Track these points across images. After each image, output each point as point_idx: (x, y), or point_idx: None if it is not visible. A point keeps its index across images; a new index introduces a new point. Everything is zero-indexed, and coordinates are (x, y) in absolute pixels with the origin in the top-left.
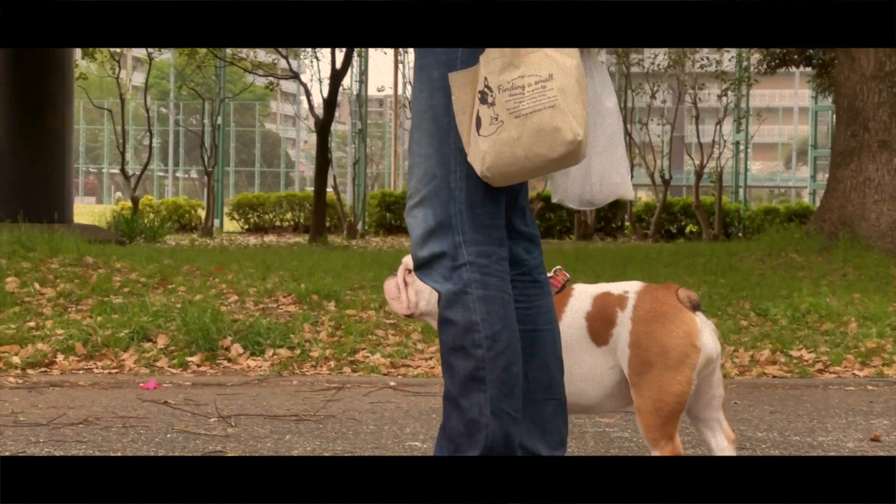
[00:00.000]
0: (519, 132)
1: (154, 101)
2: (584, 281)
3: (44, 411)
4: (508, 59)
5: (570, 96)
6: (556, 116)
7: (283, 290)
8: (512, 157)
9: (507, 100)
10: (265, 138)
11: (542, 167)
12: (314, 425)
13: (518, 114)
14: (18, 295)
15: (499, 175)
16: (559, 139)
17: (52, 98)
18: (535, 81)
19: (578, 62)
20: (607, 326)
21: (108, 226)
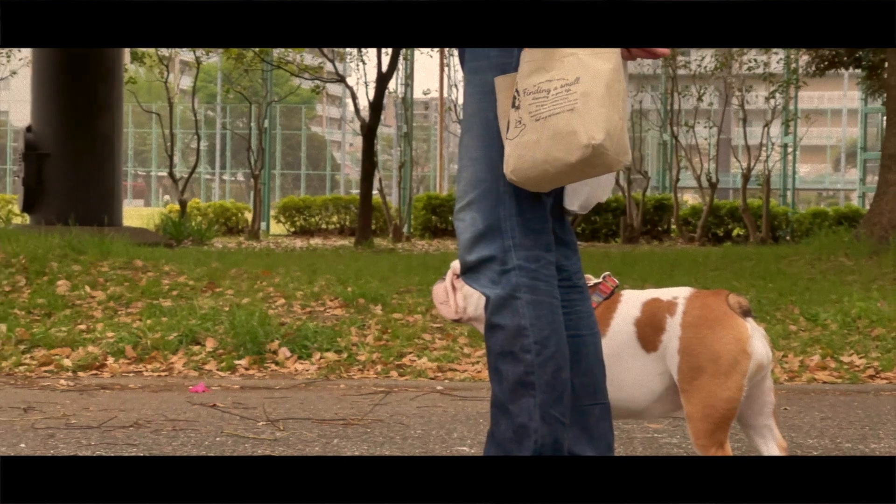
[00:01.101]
0: (538, 136)
1: (201, 105)
2: (632, 286)
3: (95, 414)
4: (539, 62)
5: (592, 100)
6: (574, 120)
7: (329, 294)
8: (532, 161)
9: (530, 103)
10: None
11: (564, 171)
12: (362, 429)
13: (538, 117)
14: (69, 298)
15: (523, 179)
16: (574, 143)
17: (101, 102)
18: (561, 85)
19: (615, 66)
20: (657, 333)
21: (156, 229)
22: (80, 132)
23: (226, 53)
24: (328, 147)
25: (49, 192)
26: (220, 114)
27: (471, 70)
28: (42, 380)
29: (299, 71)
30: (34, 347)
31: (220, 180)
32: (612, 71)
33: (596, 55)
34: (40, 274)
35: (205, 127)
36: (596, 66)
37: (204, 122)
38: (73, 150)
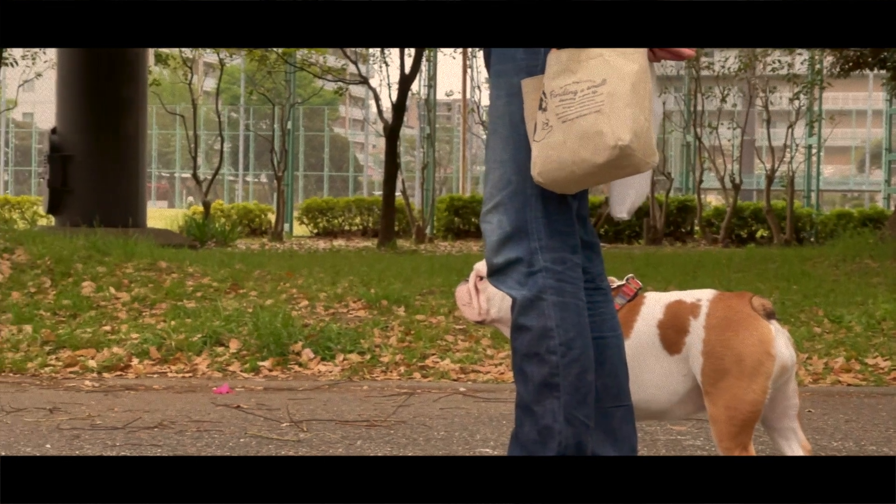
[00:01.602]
0: (565, 137)
1: (225, 106)
2: (655, 287)
3: (120, 415)
4: (565, 64)
5: (619, 101)
6: (601, 121)
7: (353, 295)
8: (559, 162)
9: (557, 105)
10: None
11: (592, 172)
12: (385, 431)
13: (565, 118)
14: (94, 299)
15: (550, 180)
16: (602, 144)
17: (126, 104)
18: (588, 87)
19: (641, 67)
20: (680, 335)
21: (180, 230)
22: (105, 134)
23: (249, 55)
24: (351, 148)
25: (74, 194)
26: (244, 115)
27: (497, 73)
28: (67, 381)
29: (322, 73)
30: (60, 348)
31: (244, 182)
32: (638, 72)
33: (622, 56)
34: (65, 275)
35: (228, 128)
36: (622, 67)
37: (227, 124)
38: (98, 152)
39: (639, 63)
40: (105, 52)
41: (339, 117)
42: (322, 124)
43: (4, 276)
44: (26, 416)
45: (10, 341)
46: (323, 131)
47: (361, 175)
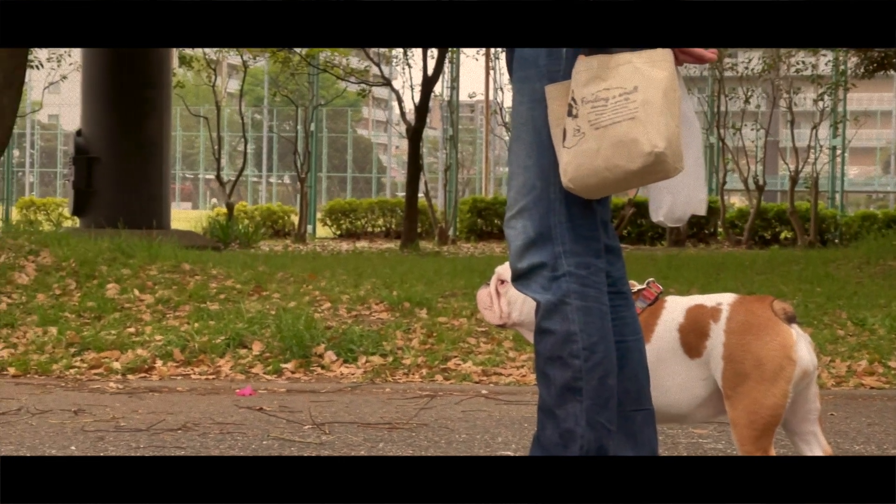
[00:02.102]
0: (598, 144)
1: (248, 108)
2: (677, 290)
3: (144, 417)
4: (595, 71)
5: (652, 108)
6: (635, 128)
7: (375, 298)
8: (592, 169)
9: (589, 112)
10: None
11: (624, 179)
12: (407, 433)
13: (598, 125)
14: (119, 301)
15: (581, 186)
16: (637, 151)
17: (150, 106)
18: (620, 94)
19: (670, 74)
20: (700, 339)
21: (203, 232)
22: (129, 136)
23: (273, 57)
24: (374, 150)
25: (99, 196)
26: (267, 117)
27: (520, 79)
28: (92, 382)
29: (345, 75)
30: (84, 350)
31: (267, 183)
32: (667, 79)
33: (651, 63)
34: (90, 277)
35: (252, 130)
36: (652, 75)
37: (251, 126)
38: (122, 154)
39: (668, 70)
40: (129, 54)
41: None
42: (345, 126)
43: (30, 279)
44: (51, 417)
45: (36, 343)
46: (346, 133)
47: (384, 176)
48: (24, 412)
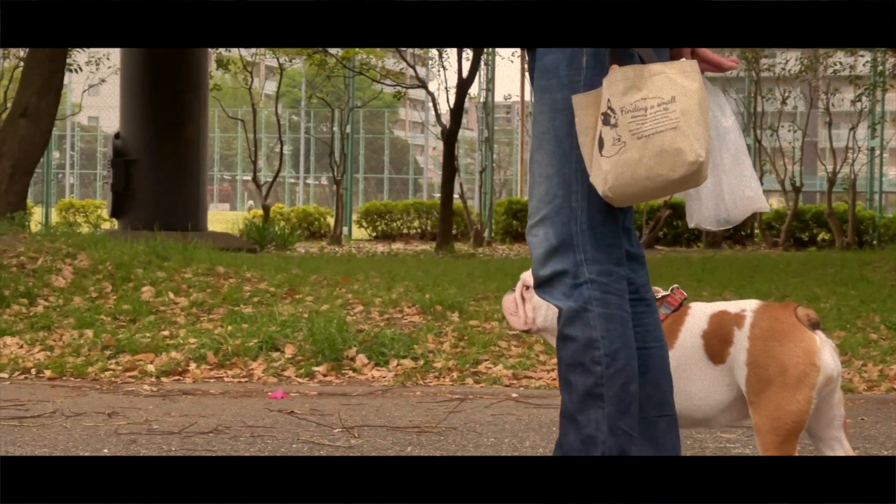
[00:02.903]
0: (641, 153)
1: (286, 109)
2: (710, 293)
3: (176, 419)
4: (631, 81)
5: (691, 118)
6: (678, 138)
7: (407, 301)
8: (633, 178)
9: (629, 121)
10: (394, 145)
11: (664, 187)
12: (435, 437)
13: (640, 135)
14: (153, 304)
15: (620, 195)
16: (681, 160)
17: (187, 109)
18: (658, 104)
19: (700, 85)
20: (724, 345)
21: (240, 233)
22: (167, 138)
23: (308, 60)
24: (411, 151)
25: (136, 198)
26: (305, 118)
27: (540, 89)
28: (126, 385)
29: (381, 77)
30: (119, 353)
31: (305, 184)
32: (699, 89)
33: (683, 74)
34: (126, 280)
35: (289, 131)
36: (686, 85)
37: (288, 127)
38: (160, 156)
39: (698, 80)
40: (167, 58)
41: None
42: (382, 127)
43: (67, 282)
44: (85, 420)
45: (72, 346)
46: (383, 134)
47: (421, 177)
48: (59, 414)
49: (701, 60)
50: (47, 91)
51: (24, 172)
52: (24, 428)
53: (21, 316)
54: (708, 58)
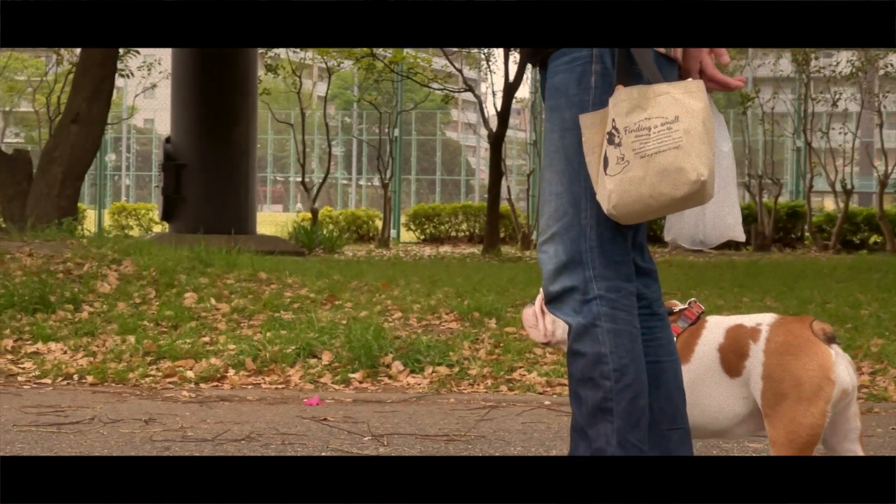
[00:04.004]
0: (644, 172)
1: (338, 111)
2: (751, 298)
3: (211, 426)
4: (636, 101)
5: (695, 138)
6: (681, 157)
7: (446, 307)
8: (637, 196)
9: (632, 141)
10: (446, 146)
11: (667, 206)
12: (463, 445)
13: (643, 154)
14: (195, 310)
15: (624, 213)
16: (683, 179)
17: (236, 113)
18: (661, 123)
19: (706, 105)
20: (740, 358)
21: (289, 236)
22: (216, 142)
23: (357, 63)
24: (463, 152)
25: (187, 201)
26: (357, 120)
27: (551, 108)
28: (166, 391)
29: (428, 80)
30: (160, 359)
31: (357, 186)
32: (704, 109)
33: (688, 94)
34: (169, 286)
35: (341, 133)
36: (691, 105)
37: (341, 129)
38: (210, 160)
39: (703, 101)
40: (217, 63)
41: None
42: (434, 128)
43: (112, 287)
44: (122, 426)
45: (114, 352)
46: (435, 135)
47: (473, 179)
48: (97, 421)
49: (708, 80)
50: (98, 97)
51: (75, 178)
52: (62, 434)
53: (66, 322)
54: (715, 78)
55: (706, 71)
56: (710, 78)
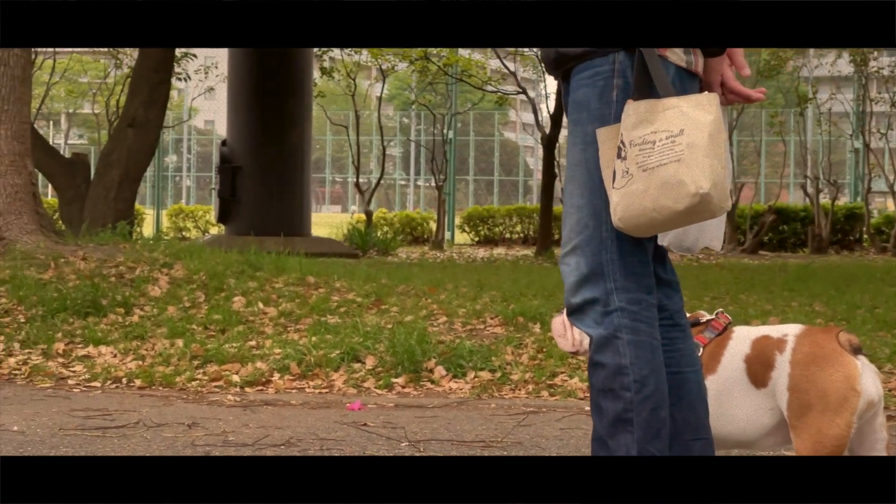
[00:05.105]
0: (646, 185)
1: (396, 112)
2: (800, 303)
3: (253, 431)
4: (643, 115)
5: (698, 151)
6: (681, 170)
7: (491, 312)
8: (640, 209)
9: (636, 154)
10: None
11: (672, 219)
12: (498, 452)
13: (645, 167)
14: (243, 314)
15: (631, 226)
16: (683, 192)
17: (291, 116)
18: (666, 137)
19: (716, 118)
20: (766, 369)
21: (343, 238)
22: (272, 145)
23: (411, 66)
24: (521, 153)
25: (242, 204)
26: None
27: (573, 121)
28: (211, 395)
29: (483, 83)
30: (207, 363)
31: (415, 186)
32: (713, 122)
33: (698, 107)
34: (218, 290)
35: (399, 133)
36: (698, 118)
37: (398, 130)
38: (265, 163)
39: (714, 114)
40: (273, 66)
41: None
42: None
43: (162, 291)
44: (166, 430)
45: (163, 355)
46: (493, 136)
47: (531, 179)
48: (142, 425)
49: (729, 92)
50: (154, 101)
51: (131, 181)
52: (106, 438)
53: (117, 325)
54: (736, 90)
55: (727, 83)
56: (731, 90)
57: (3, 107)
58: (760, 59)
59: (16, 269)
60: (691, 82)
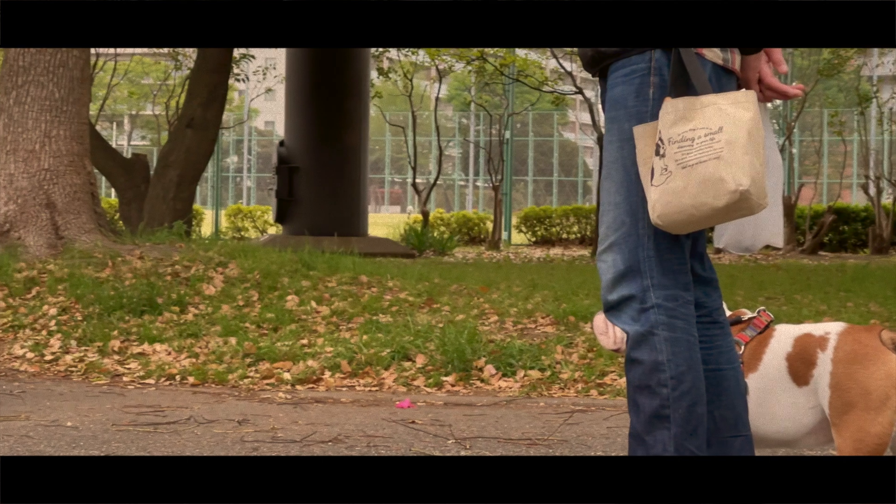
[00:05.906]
0: (685, 182)
1: (455, 113)
2: (854, 304)
3: (301, 428)
4: (681, 112)
5: (737, 148)
6: (721, 167)
7: (542, 311)
8: (679, 206)
9: (675, 151)
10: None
11: (711, 215)
12: (544, 450)
13: (685, 165)
14: (296, 313)
15: (669, 223)
16: (722, 189)
17: (349, 117)
18: (705, 134)
19: (754, 115)
20: (808, 367)
21: (400, 238)
22: (329, 146)
23: (468, 66)
24: (580, 153)
25: (299, 204)
26: (473, 121)
27: (610, 119)
28: (263, 392)
29: (540, 83)
30: (259, 361)
31: (474, 187)
32: (752, 119)
33: (736, 104)
34: (272, 289)
35: (458, 134)
36: (737, 115)
37: (458, 130)
38: (322, 163)
39: (752, 111)
40: (330, 67)
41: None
42: (552, 129)
43: (217, 290)
44: (216, 427)
45: (216, 353)
46: (552, 136)
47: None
48: (193, 421)
49: (767, 89)
50: (212, 102)
51: (189, 181)
52: (157, 434)
53: (172, 323)
54: (774, 86)
55: (764, 80)
56: (769, 87)
57: (62, 107)
58: (821, 58)
59: (74, 267)
60: (728, 79)
